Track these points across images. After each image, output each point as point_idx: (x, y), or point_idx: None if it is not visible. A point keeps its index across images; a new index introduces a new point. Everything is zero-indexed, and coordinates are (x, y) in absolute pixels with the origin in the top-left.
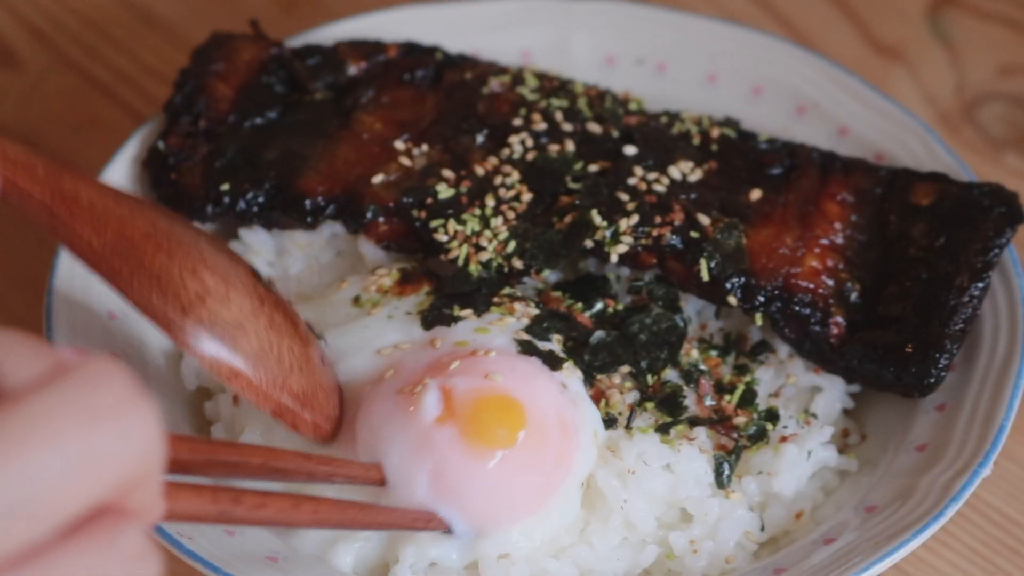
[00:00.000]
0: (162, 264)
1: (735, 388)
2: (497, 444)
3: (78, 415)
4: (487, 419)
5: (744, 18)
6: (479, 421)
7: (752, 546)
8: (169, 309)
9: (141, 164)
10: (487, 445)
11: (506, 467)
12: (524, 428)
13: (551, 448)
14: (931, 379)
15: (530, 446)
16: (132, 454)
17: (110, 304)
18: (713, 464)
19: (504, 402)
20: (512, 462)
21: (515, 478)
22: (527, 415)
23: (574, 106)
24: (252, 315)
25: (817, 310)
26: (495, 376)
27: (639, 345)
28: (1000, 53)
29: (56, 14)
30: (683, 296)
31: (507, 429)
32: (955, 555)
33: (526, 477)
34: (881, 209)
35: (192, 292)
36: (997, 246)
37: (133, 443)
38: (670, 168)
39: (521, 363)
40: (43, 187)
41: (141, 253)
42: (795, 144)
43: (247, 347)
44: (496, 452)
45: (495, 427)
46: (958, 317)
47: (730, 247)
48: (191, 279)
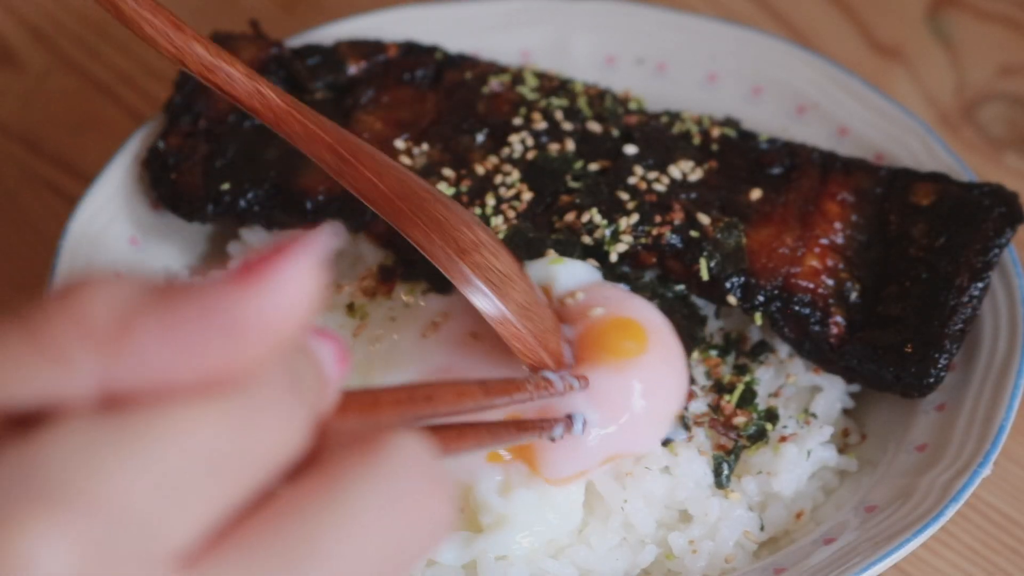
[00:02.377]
0: (441, 212)
1: (735, 388)
2: (630, 353)
3: (390, 515)
4: (611, 339)
5: (744, 18)
6: (604, 345)
7: (752, 546)
8: (449, 247)
9: (141, 164)
10: (622, 356)
11: (650, 370)
12: (647, 335)
13: (675, 349)
14: (931, 379)
15: (662, 347)
16: (428, 542)
17: None
18: (712, 465)
19: (620, 323)
20: (653, 364)
21: (663, 375)
22: (643, 327)
23: (574, 105)
24: (520, 274)
25: (817, 310)
26: (594, 311)
27: None
28: (1000, 53)
29: (56, 14)
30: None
31: (633, 341)
32: (955, 555)
33: (670, 375)
34: (881, 209)
35: (468, 239)
36: (997, 246)
37: (433, 535)
38: (670, 167)
39: (611, 290)
40: (330, 132)
41: (421, 199)
42: (795, 144)
43: (517, 297)
44: (634, 360)
45: (620, 343)
46: (958, 317)
47: (730, 247)
48: (467, 229)
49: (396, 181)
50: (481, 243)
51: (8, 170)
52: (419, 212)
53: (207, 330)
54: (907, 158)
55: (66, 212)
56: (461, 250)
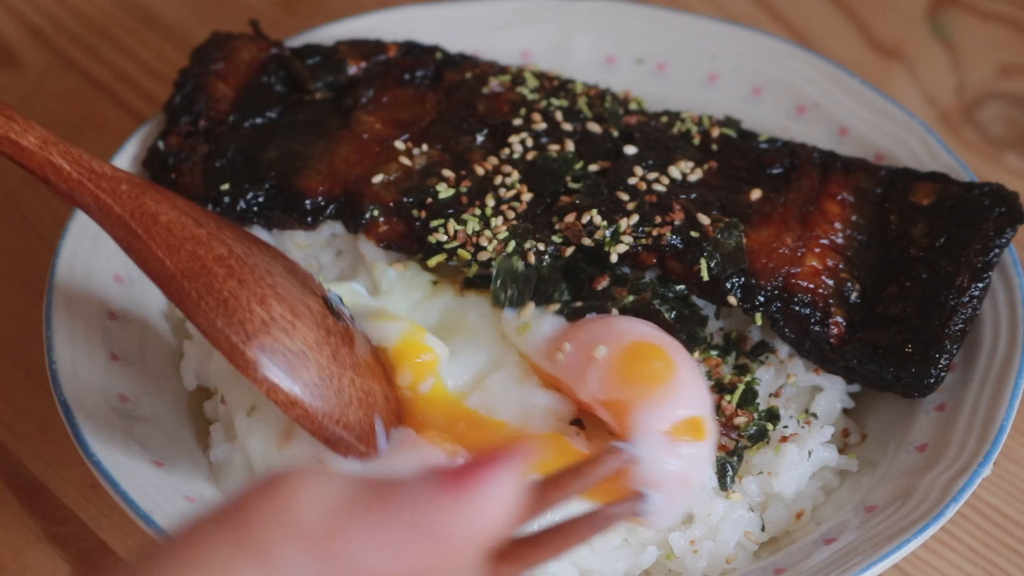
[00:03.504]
0: (231, 290)
1: (735, 388)
2: (663, 376)
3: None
4: (637, 365)
5: (744, 18)
6: (633, 370)
7: (752, 546)
8: (232, 333)
9: (141, 164)
10: (654, 381)
11: (685, 384)
12: (662, 348)
13: (698, 370)
14: (931, 379)
15: (678, 350)
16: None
17: (110, 304)
18: (716, 468)
19: (633, 351)
20: (687, 367)
21: (702, 394)
22: (653, 343)
23: (574, 106)
24: (316, 345)
25: (817, 310)
26: (599, 347)
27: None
28: (1000, 53)
29: (56, 14)
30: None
31: (657, 360)
32: (955, 555)
33: (706, 395)
34: (882, 209)
35: (258, 319)
36: (997, 246)
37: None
38: (670, 168)
39: (589, 325)
40: (124, 204)
41: (212, 277)
42: (795, 144)
43: (306, 376)
44: (670, 378)
45: (649, 365)
46: (958, 317)
47: (730, 247)
48: (259, 307)
49: (189, 257)
50: (273, 320)
51: (8, 170)
52: (206, 295)
53: (418, 537)
54: (907, 158)
55: (66, 212)
56: (247, 335)
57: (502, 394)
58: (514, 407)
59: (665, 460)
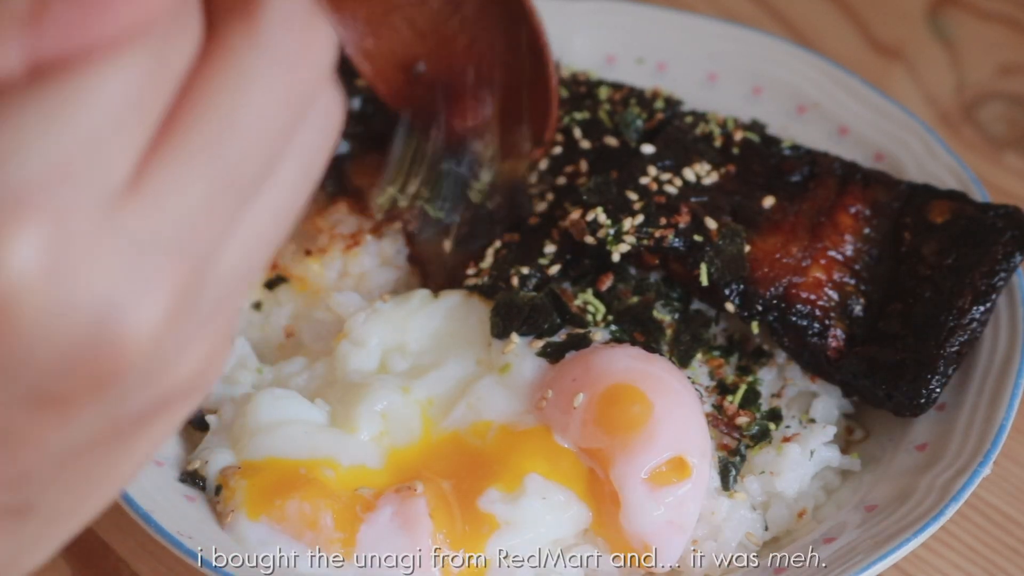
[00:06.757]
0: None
1: (737, 388)
2: (638, 422)
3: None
4: (613, 413)
5: (744, 18)
6: (609, 420)
7: (754, 547)
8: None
9: None
10: (630, 429)
11: (664, 424)
12: (640, 388)
13: (686, 391)
14: (921, 400)
15: (659, 386)
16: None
17: None
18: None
19: (609, 398)
20: (664, 419)
21: (687, 425)
22: (630, 384)
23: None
24: None
25: (816, 321)
26: (578, 394)
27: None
28: (1000, 53)
29: None
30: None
31: (636, 405)
32: (955, 555)
33: (692, 422)
34: (896, 224)
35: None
36: (1004, 270)
37: (321, 78)
38: (685, 170)
39: (568, 368)
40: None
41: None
42: (818, 152)
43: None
44: (646, 424)
45: (625, 412)
46: (955, 339)
47: (731, 253)
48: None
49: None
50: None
51: None
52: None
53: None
54: (907, 158)
55: None
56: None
57: (488, 397)
58: (503, 409)
59: (649, 511)
